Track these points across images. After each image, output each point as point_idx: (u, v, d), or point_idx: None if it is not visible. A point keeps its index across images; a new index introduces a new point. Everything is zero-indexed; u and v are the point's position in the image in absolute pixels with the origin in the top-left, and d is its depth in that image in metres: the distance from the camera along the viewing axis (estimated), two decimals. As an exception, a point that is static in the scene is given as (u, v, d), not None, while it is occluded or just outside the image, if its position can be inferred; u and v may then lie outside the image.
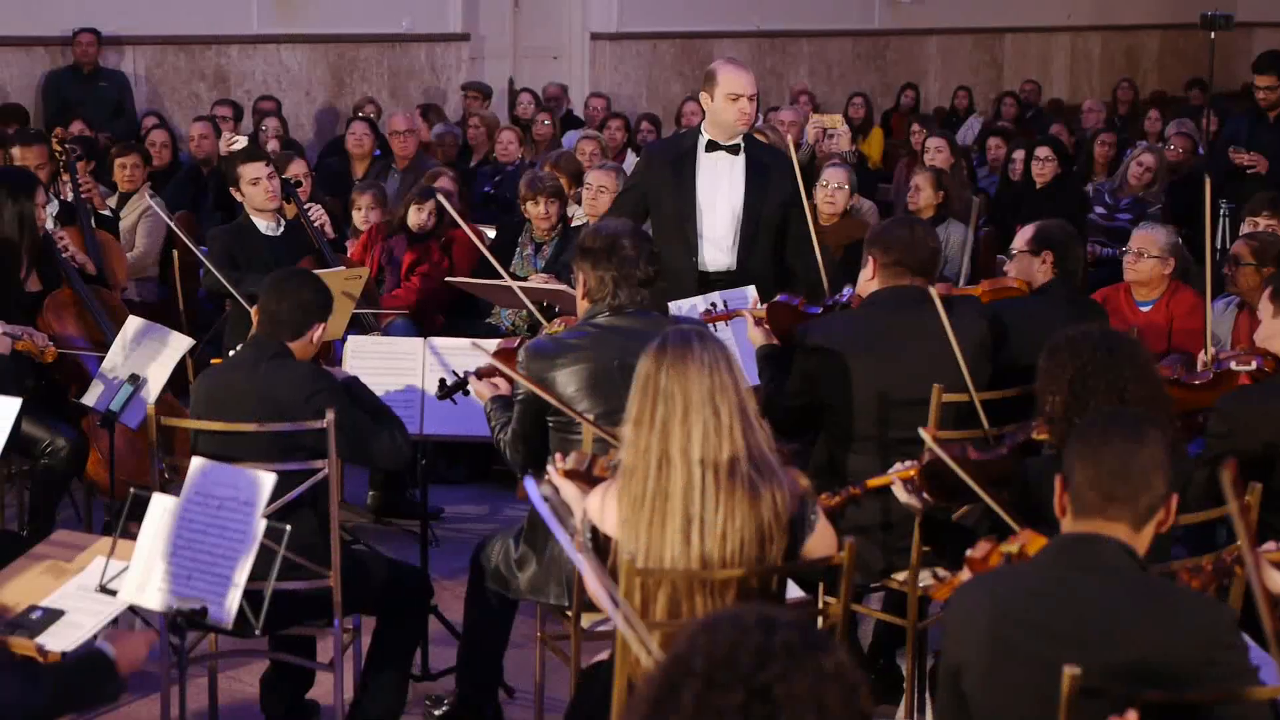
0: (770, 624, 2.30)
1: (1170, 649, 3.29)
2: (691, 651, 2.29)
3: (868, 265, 5.47)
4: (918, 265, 5.41)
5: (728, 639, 2.29)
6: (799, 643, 2.28)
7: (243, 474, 4.71)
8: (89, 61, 12.71)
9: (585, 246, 5.07)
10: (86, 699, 4.22)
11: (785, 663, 2.26)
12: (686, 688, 2.27)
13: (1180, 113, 14.55)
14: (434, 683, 5.94)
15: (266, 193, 7.51)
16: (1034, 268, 6.14)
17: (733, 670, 2.26)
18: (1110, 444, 3.42)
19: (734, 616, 2.33)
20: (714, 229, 6.99)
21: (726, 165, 6.98)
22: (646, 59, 16.25)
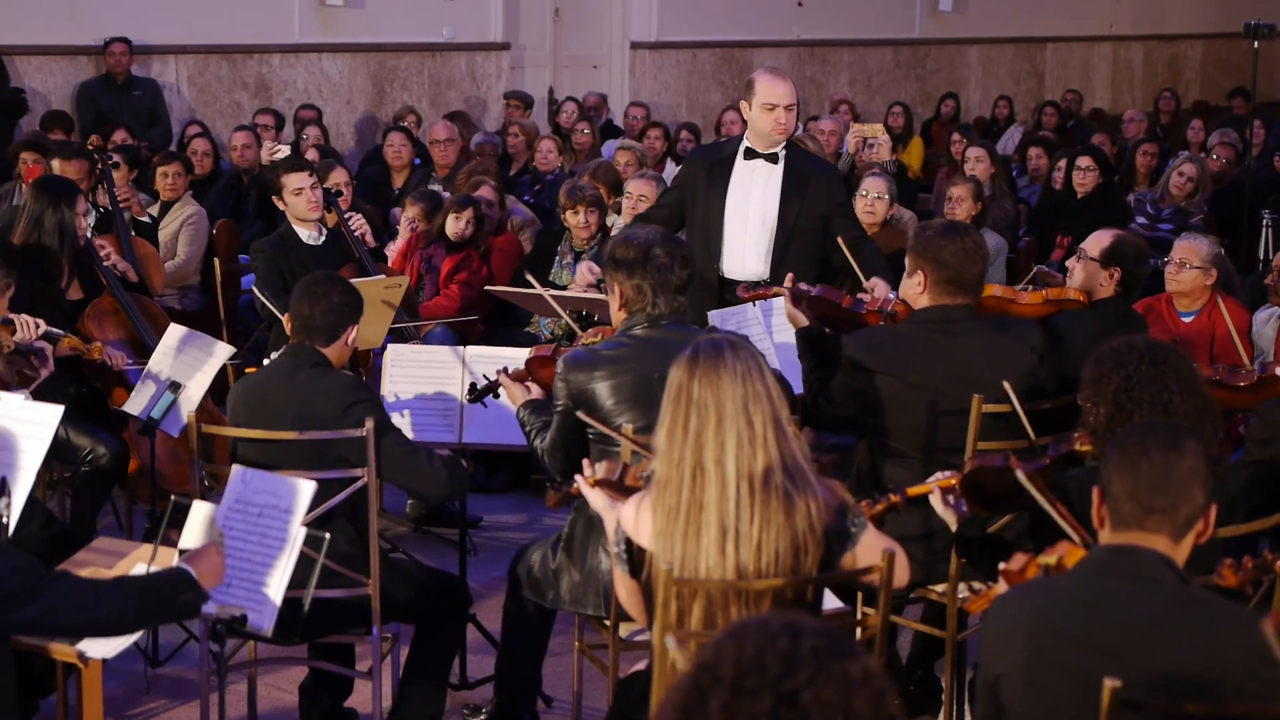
0: (797, 630, 2.30)
1: (1211, 662, 3.27)
2: (719, 659, 2.29)
3: (917, 277, 5.41)
4: (970, 283, 5.37)
5: (755, 645, 2.29)
6: (826, 649, 2.28)
7: (283, 482, 4.72)
8: (121, 71, 12.78)
9: (618, 258, 5.06)
10: (170, 609, 4.33)
11: (813, 669, 2.25)
12: (714, 695, 2.26)
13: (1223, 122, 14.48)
14: (472, 691, 5.95)
15: (309, 203, 7.55)
16: (1099, 280, 6.13)
17: (760, 677, 2.26)
18: (1149, 455, 3.40)
19: (761, 623, 2.32)
20: (741, 236, 6.99)
21: (763, 174, 6.97)
22: (686, 68, 16.25)
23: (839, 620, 4.42)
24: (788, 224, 6.93)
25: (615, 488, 4.28)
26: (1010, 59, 18.84)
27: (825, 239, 6.94)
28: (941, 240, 5.36)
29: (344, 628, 5.26)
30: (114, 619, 4.23)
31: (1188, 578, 3.42)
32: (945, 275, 5.34)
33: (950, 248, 5.33)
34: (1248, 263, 9.98)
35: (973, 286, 5.38)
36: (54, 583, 4.18)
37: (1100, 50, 19.70)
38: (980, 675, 3.51)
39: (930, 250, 5.36)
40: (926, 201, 12.05)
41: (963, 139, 12.54)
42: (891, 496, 4.70)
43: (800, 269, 6.80)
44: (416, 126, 12.76)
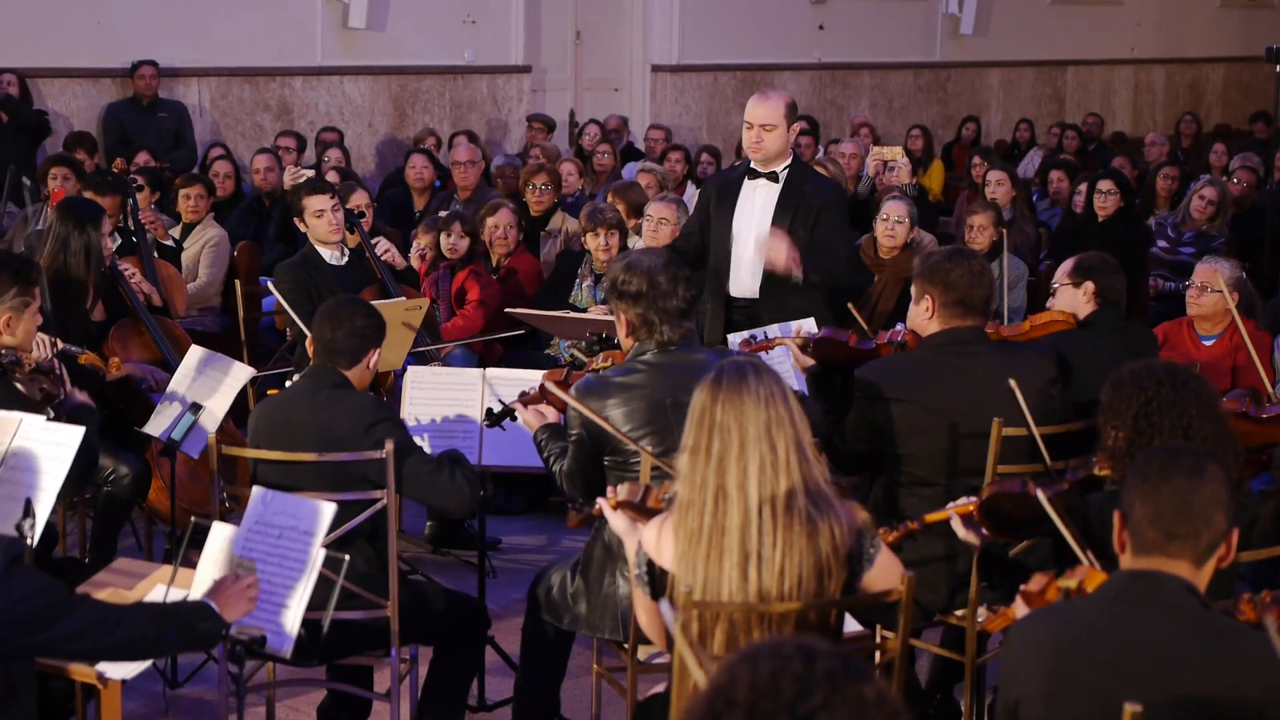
0: (811, 653, 2.29)
1: (1232, 688, 3.26)
2: (733, 682, 2.29)
3: (924, 303, 5.41)
4: (978, 304, 5.38)
5: (769, 668, 2.28)
6: (840, 672, 2.27)
7: (303, 503, 4.73)
8: (149, 93, 12.85)
9: (620, 288, 5.07)
10: (189, 636, 4.33)
11: (827, 692, 2.25)
12: (729, 718, 2.26)
13: (1245, 146, 14.46)
14: (490, 714, 5.94)
15: (330, 225, 7.56)
16: (1077, 300, 6.16)
17: (775, 700, 2.25)
18: (1170, 481, 3.39)
19: (774, 646, 2.32)
20: (742, 255, 7.05)
21: (764, 193, 7.06)
22: (707, 91, 16.28)
23: (859, 644, 4.42)
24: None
25: (637, 509, 4.29)
26: (1031, 82, 18.84)
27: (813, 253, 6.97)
28: (948, 264, 5.38)
29: (362, 649, 5.26)
30: (133, 644, 4.24)
31: (1209, 603, 3.41)
32: (953, 297, 5.34)
33: (956, 270, 5.34)
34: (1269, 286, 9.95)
35: (980, 308, 5.39)
36: (75, 606, 4.18)
37: (1121, 74, 19.69)
38: (1000, 699, 3.50)
39: (937, 274, 5.37)
40: (947, 225, 12.04)
41: (983, 162, 12.53)
42: (909, 524, 4.69)
43: (786, 286, 6.82)
44: (437, 149, 12.79)
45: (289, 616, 4.59)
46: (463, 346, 8.43)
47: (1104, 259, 6.30)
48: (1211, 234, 10.51)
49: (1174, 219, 10.87)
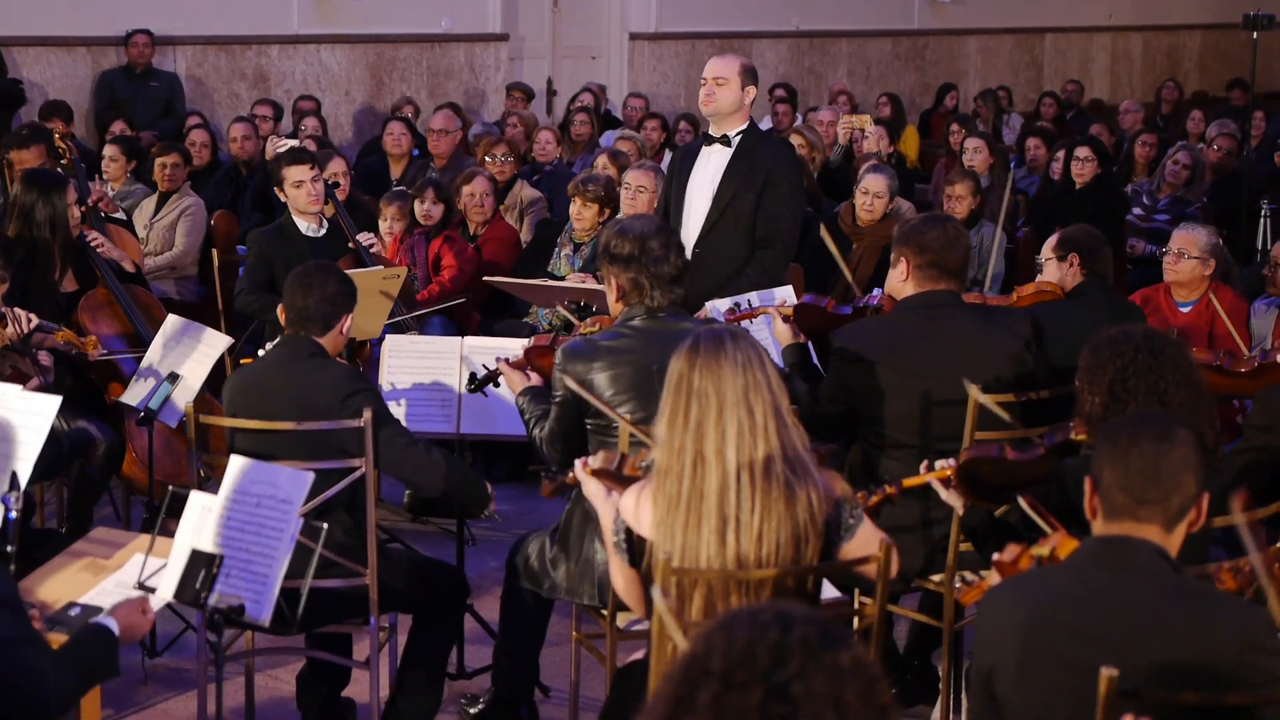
0: (787, 620, 2.29)
1: (1206, 651, 3.27)
2: (709, 650, 2.28)
3: (899, 266, 5.42)
4: (952, 267, 5.39)
5: (745, 637, 2.27)
6: (816, 639, 2.27)
7: (281, 472, 4.72)
8: (142, 62, 12.81)
9: (613, 251, 5.06)
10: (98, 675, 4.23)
11: (802, 660, 2.24)
12: (704, 687, 2.25)
13: (1222, 113, 14.47)
14: (469, 681, 5.95)
15: (309, 196, 7.54)
16: (1064, 273, 6.17)
17: (750, 669, 2.24)
18: (1140, 445, 3.40)
19: (751, 614, 2.31)
20: (690, 222, 7.03)
21: (717, 159, 7.03)
22: (685, 59, 16.24)
23: (837, 610, 4.43)
24: (721, 204, 6.94)
25: (613, 477, 4.29)
26: (1009, 50, 18.82)
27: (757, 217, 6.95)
28: (923, 227, 5.40)
29: (341, 618, 5.27)
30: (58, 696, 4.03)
31: (1180, 567, 3.43)
32: (928, 259, 5.35)
33: (932, 233, 5.36)
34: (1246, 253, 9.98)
35: (955, 271, 5.39)
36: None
37: (1099, 41, 19.68)
38: (974, 667, 3.51)
39: (912, 237, 5.39)
40: (924, 192, 12.04)
41: (961, 129, 12.53)
42: (887, 488, 4.70)
43: (725, 250, 6.81)
44: (415, 117, 12.75)
45: (267, 585, 4.59)
46: (441, 315, 8.41)
47: (1088, 231, 6.31)
48: (1188, 199, 10.53)
49: (1150, 185, 10.88)
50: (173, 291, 9.20)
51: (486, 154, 10.22)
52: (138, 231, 9.24)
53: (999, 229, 9.23)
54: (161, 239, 9.34)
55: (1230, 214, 10.80)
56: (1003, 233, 9.37)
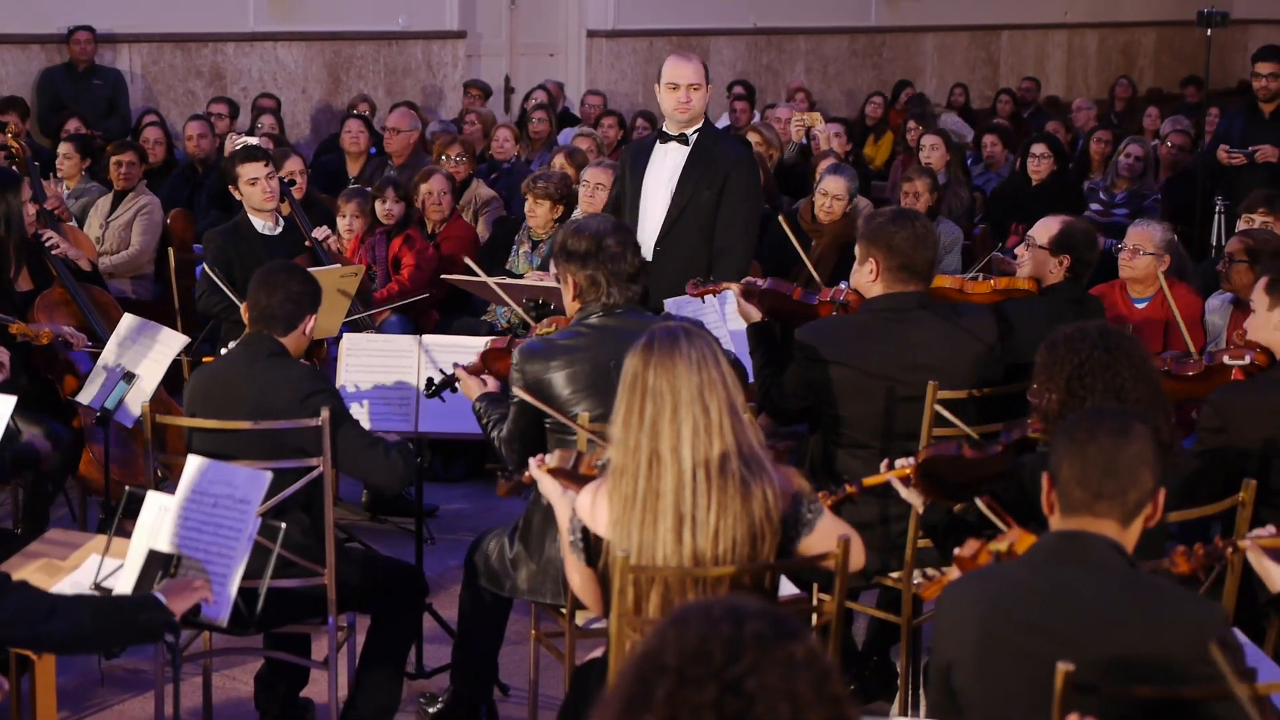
0: (740, 615, 2.29)
1: (1161, 645, 3.29)
2: (662, 647, 2.28)
3: (868, 265, 5.41)
4: (922, 269, 5.39)
5: (698, 633, 2.28)
6: (769, 633, 2.28)
7: (238, 472, 4.71)
8: (85, 59, 12.72)
9: (569, 249, 5.06)
10: (130, 629, 4.29)
11: (756, 654, 2.25)
12: (659, 684, 2.26)
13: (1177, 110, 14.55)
14: (428, 680, 5.94)
15: (264, 193, 7.51)
16: (1049, 267, 6.15)
17: (704, 665, 2.25)
18: (1096, 440, 3.42)
19: (703, 609, 2.31)
20: (648, 221, 7.04)
21: (674, 157, 7.04)
22: (643, 56, 16.24)
23: (795, 606, 4.44)
24: (681, 202, 6.96)
25: (569, 476, 4.29)
26: (966, 47, 18.89)
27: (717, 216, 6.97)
28: (892, 227, 5.37)
29: (300, 618, 5.25)
30: (69, 635, 4.16)
31: (1136, 562, 3.45)
32: (897, 262, 5.34)
33: (901, 234, 5.34)
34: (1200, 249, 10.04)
35: (924, 273, 5.40)
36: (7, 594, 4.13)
37: (1055, 38, 19.77)
38: (933, 661, 3.53)
39: (881, 237, 5.37)
40: (882, 189, 12.07)
41: (918, 126, 12.57)
42: (848, 488, 4.71)
43: (685, 248, 6.83)
44: (371, 115, 12.71)
45: (225, 585, 4.57)
46: (398, 314, 8.40)
47: (1088, 232, 6.27)
48: (1143, 193, 10.59)
49: (1104, 182, 10.94)
50: (129, 290, 9.15)
51: (441, 154, 10.21)
52: (94, 230, 9.20)
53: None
54: (117, 238, 9.29)
55: (1185, 210, 10.86)
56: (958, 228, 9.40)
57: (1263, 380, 5.26)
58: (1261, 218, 7.50)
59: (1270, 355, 5.29)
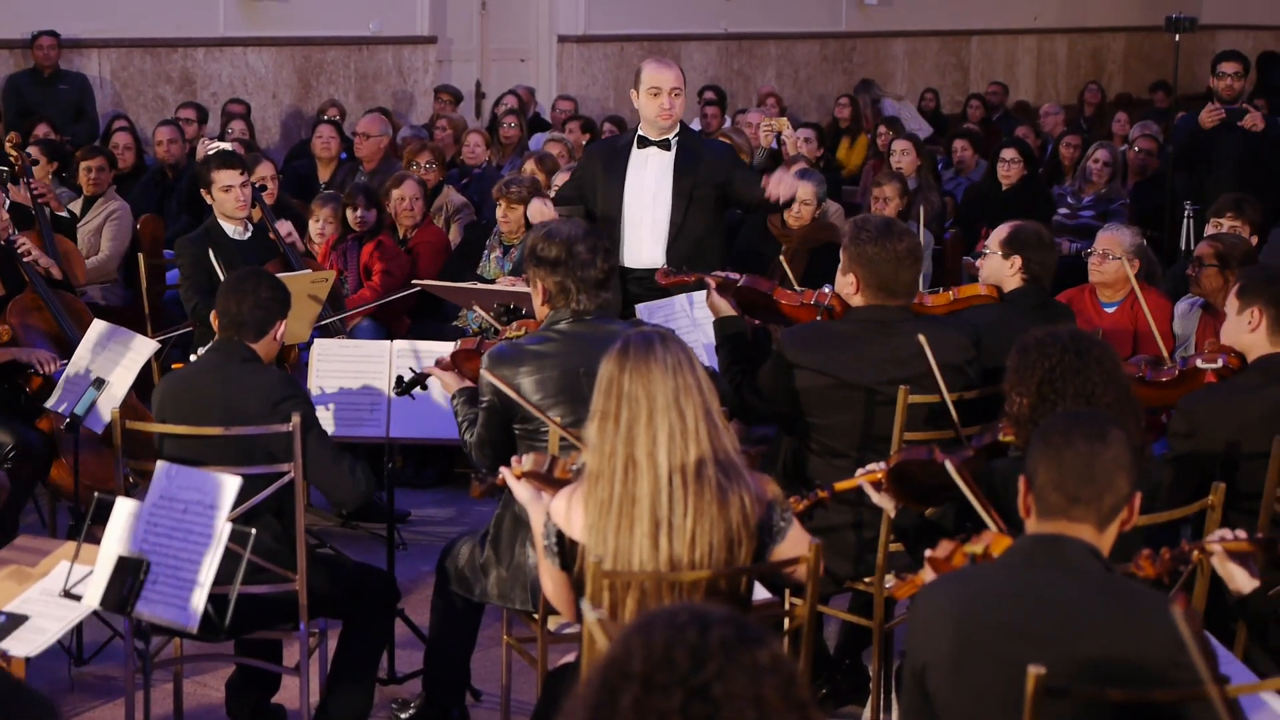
0: (704, 621, 2.29)
1: (1135, 649, 3.30)
2: (627, 654, 2.28)
3: (850, 277, 5.41)
4: (903, 290, 5.40)
5: (663, 639, 2.27)
6: (734, 639, 2.28)
7: (208, 477, 4.69)
8: (49, 64, 12.66)
9: (539, 254, 5.06)
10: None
11: (722, 661, 2.25)
12: (625, 691, 2.25)
13: (1146, 115, 14.61)
14: (400, 686, 5.93)
15: (237, 201, 7.50)
16: (1003, 271, 6.15)
17: (670, 671, 2.25)
18: (1073, 445, 3.43)
19: (667, 616, 2.31)
20: (640, 226, 7.05)
21: (657, 161, 7.05)
22: (614, 61, 16.25)
23: (768, 611, 4.44)
24: (683, 202, 6.98)
25: (543, 480, 4.28)
26: (936, 52, 18.93)
27: (722, 213, 7.00)
28: (873, 248, 5.34)
29: (271, 624, 5.24)
30: None
31: (1112, 566, 3.46)
32: (877, 282, 5.36)
33: (883, 255, 5.33)
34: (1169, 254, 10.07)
35: (906, 293, 5.41)
36: None
37: (1025, 43, 19.83)
38: (907, 664, 3.53)
39: (863, 257, 5.36)
40: (853, 194, 12.09)
41: (889, 131, 12.59)
42: (819, 492, 4.72)
43: (697, 248, 6.84)
44: (341, 120, 12.68)
45: (195, 592, 4.56)
46: (369, 320, 8.38)
47: (1039, 234, 6.28)
48: (1111, 196, 10.64)
49: (1072, 187, 10.98)
50: (98, 296, 9.11)
51: (411, 161, 10.19)
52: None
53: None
54: (87, 243, 9.24)
55: (1154, 215, 10.90)
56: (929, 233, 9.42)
57: (1233, 384, 5.28)
58: (1229, 221, 7.53)
59: (1243, 359, 5.31)
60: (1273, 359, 5.16)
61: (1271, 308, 5.15)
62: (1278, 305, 5.16)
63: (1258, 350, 5.21)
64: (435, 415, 6.00)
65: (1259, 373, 5.19)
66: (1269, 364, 5.17)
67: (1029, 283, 6.12)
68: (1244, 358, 5.32)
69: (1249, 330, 5.20)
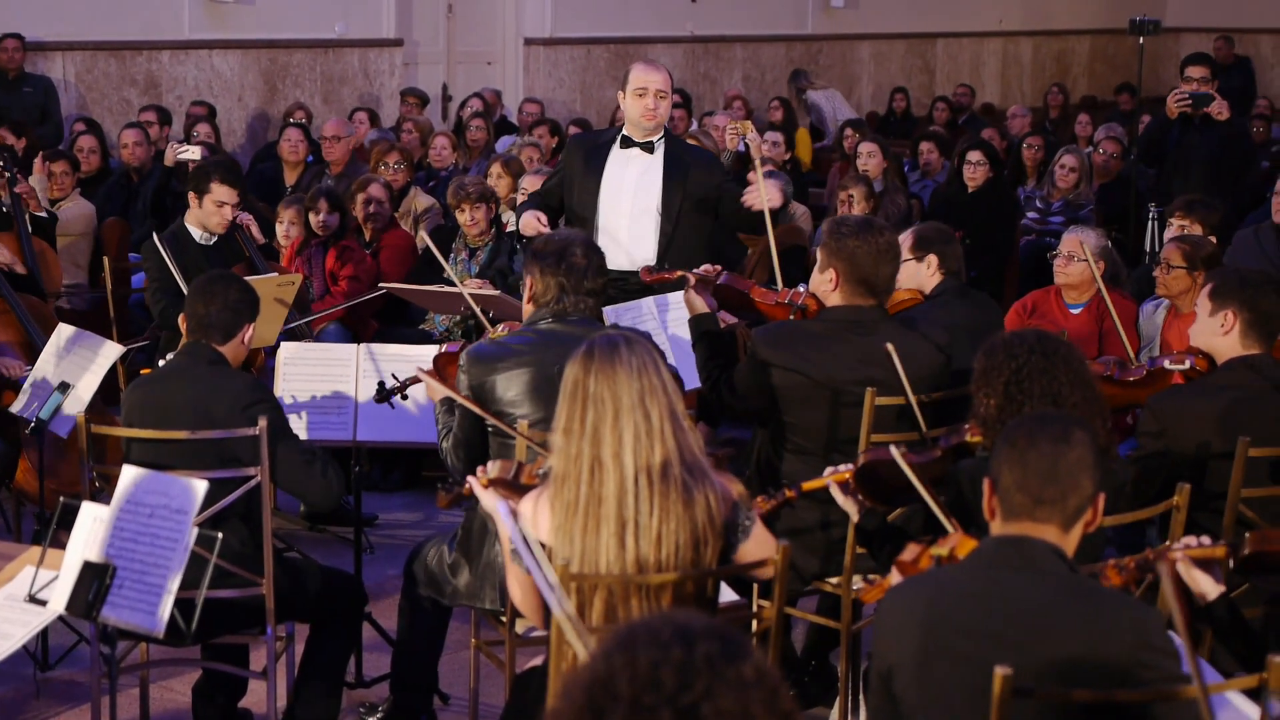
0: (689, 637, 2.26)
1: (1100, 649, 3.32)
2: (612, 674, 2.24)
3: (829, 274, 5.41)
4: (882, 285, 5.42)
5: (648, 659, 2.24)
6: (719, 654, 2.25)
7: (174, 482, 4.67)
8: (14, 67, 12.60)
9: (537, 250, 5.11)
10: None
11: (709, 679, 2.22)
12: (612, 713, 2.22)
13: (1110, 118, 14.68)
14: (368, 690, 5.92)
15: (223, 219, 7.51)
16: (922, 274, 6.27)
17: (657, 692, 2.21)
18: (1037, 446, 3.44)
19: (652, 632, 2.28)
20: (616, 226, 7.03)
21: (640, 163, 7.04)
22: (580, 64, 16.25)
23: (735, 613, 4.44)
24: (673, 212, 6.99)
25: (510, 487, 4.28)
26: (902, 54, 18.98)
27: (711, 222, 7.01)
28: (855, 241, 5.36)
29: (238, 628, 5.22)
30: None
31: (1077, 567, 3.47)
32: (857, 276, 5.36)
33: (864, 249, 5.35)
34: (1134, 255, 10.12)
35: (884, 288, 5.43)
36: None
37: (990, 46, 19.90)
38: (873, 665, 3.54)
39: (844, 251, 5.36)
40: (820, 196, 12.11)
41: (854, 133, 12.62)
42: (787, 492, 4.73)
43: (689, 256, 6.85)
44: (307, 123, 12.65)
45: (162, 596, 4.54)
46: (337, 324, 8.36)
47: (939, 229, 6.41)
48: (1078, 202, 10.68)
49: (1041, 191, 11.02)
50: (64, 300, 9.07)
51: (380, 161, 10.17)
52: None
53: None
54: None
55: (1119, 216, 10.95)
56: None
57: (1201, 385, 5.30)
58: (1178, 221, 7.58)
59: (1211, 361, 5.34)
60: (1242, 361, 5.19)
61: (1246, 311, 5.17)
62: (1252, 308, 5.17)
63: (1228, 353, 5.23)
64: (402, 419, 6.00)
65: (1228, 374, 5.22)
66: (1238, 366, 5.19)
67: (948, 277, 6.23)
68: (1212, 359, 5.34)
69: (1221, 333, 5.22)
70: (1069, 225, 9.08)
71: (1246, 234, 8.14)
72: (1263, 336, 5.19)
